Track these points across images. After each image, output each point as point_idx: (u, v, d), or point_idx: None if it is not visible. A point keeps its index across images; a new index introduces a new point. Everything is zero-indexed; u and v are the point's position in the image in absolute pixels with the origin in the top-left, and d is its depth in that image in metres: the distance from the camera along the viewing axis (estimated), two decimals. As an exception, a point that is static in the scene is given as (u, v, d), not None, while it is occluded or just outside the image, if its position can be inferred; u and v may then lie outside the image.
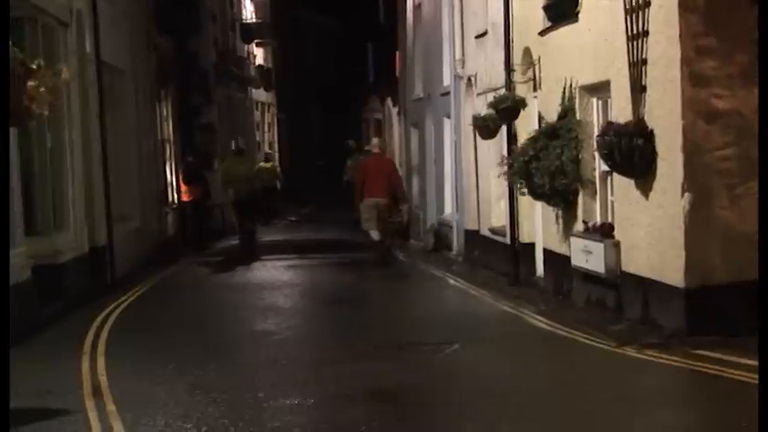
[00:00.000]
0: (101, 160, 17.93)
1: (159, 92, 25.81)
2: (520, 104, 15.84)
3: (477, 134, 17.76)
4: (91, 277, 16.91)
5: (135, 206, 21.54)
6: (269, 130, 42.54)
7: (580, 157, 13.68)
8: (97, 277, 17.26)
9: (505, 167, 15.39)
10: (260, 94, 40.25)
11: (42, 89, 9.46)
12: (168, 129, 27.23)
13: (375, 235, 20.05)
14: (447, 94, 21.62)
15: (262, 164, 33.78)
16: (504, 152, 16.62)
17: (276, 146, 41.64)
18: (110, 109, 18.91)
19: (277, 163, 34.90)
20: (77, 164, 16.50)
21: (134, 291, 17.31)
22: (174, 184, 26.73)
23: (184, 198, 25.97)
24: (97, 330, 13.24)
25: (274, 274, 19.74)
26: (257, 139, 38.99)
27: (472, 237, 19.86)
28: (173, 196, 26.63)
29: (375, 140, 22.21)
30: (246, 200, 22.62)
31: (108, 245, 17.93)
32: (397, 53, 29.49)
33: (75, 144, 16.37)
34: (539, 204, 15.23)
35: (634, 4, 11.61)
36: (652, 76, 11.48)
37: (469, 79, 19.69)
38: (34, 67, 9.46)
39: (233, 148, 24.39)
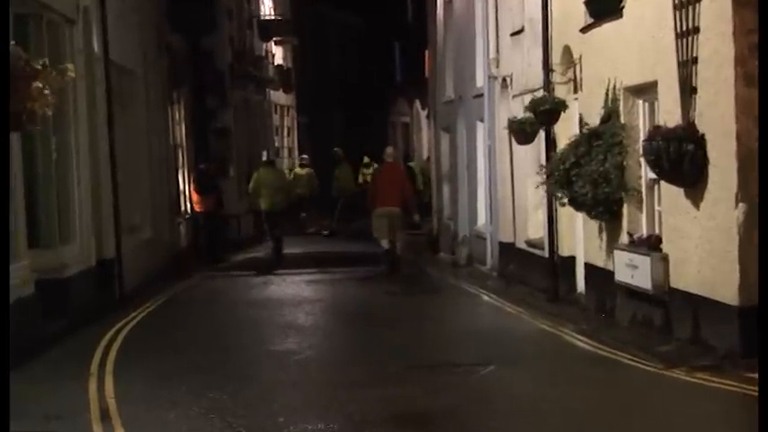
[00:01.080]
0: (109, 167, 17.99)
1: (171, 94, 25.88)
2: (560, 107, 15.77)
3: (512, 139, 17.72)
4: (98, 292, 16.95)
5: (145, 216, 21.60)
6: (288, 135, 42.57)
7: (625, 163, 13.62)
8: (105, 292, 17.31)
9: (544, 176, 15.35)
10: (279, 96, 40.27)
11: (47, 90, 9.49)
12: (181, 133, 27.31)
13: (385, 244, 21.34)
14: (480, 95, 21.58)
15: (297, 170, 33.89)
16: (543, 158, 16.57)
17: (296, 151, 41.66)
18: (118, 112, 18.97)
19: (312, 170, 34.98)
20: (84, 170, 16.54)
21: (144, 307, 17.35)
22: (187, 192, 26.80)
23: (196, 209, 26.04)
24: (105, 349, 13.28)
25: (295, 290, 19.76)
26: (276, 144, 39.04)
27: (507, 249, 19.81)
28: (185, 205, 26.71)
29: (389, 150, 23.23)
30: (278, 211, 23.59)
31: (116, 257, 17.98)
32: (427, 52, 29.49)
33: (81, 149, 16.42)
34: (580, 215, 15.18)
35: (683, -2, 11.57)
36: (703, 77, 11.42)
37: (504, 80, 19.66)
38: (39, 67, 9.50)
39: (264, 158, 24.82)
